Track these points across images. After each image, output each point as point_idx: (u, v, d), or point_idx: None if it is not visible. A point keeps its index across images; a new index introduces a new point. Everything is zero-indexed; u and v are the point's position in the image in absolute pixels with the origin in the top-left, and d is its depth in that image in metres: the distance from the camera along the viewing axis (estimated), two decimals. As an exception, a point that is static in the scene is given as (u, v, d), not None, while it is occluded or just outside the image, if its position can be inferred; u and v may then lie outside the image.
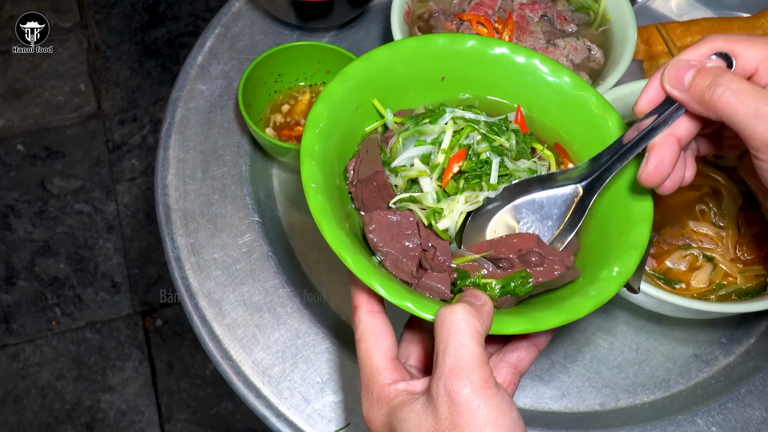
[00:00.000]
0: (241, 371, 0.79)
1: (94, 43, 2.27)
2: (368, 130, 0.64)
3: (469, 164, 0.58)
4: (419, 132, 0.60)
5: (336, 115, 0.59)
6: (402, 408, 0.48)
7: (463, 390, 0.45)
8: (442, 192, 0.59)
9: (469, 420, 0.45)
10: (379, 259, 0.56)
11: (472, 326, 0.47)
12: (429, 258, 0.56)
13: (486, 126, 0.60)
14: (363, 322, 0.53)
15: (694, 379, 0.82)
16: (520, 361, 0.56)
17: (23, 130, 2.10)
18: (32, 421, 1.72)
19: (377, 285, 0.51)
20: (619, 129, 0.62)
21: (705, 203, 0.81)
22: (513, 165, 0.59)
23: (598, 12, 0.95)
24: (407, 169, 0.59)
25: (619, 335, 0.84)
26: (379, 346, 0.52)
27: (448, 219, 0.57)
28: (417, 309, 0.51)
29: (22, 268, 1.90)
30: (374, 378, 0.51)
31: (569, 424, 0.78)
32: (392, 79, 0.63)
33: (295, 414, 0.77)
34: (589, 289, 0.55)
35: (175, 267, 0.85)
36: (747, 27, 1.01)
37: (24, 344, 1.81)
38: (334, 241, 0.52)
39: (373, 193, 0.59)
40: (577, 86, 0.64)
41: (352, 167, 0.61)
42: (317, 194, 0.54)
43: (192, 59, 1.00)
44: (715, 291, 0.77)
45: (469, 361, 0.46)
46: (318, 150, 0.56)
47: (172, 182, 0.91)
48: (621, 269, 0.55)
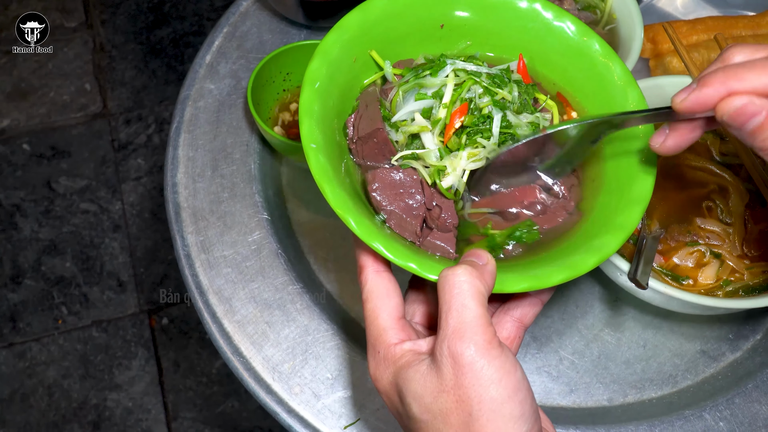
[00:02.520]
0: (252, 367, 0.80)
1: (100, 42, 2.28)
2: (367, 83, 0.62)
3: (471, 119, 0.57)
4: (420, 85, 0.59)
5: (333, 71, 0.58)
6: (408, 368, 0.49)
7: (466, 351, 0.45)
8: (444, 148, 0.57)
9: (473, 380, 0.45)
10: (383, 218, 0.55)
11: (474, 287, 0.47)
12: (434, 217, 0.55)
13: (488, 78, 0.59)
14: (369, 281, 0.53)
15: (702, 375, 0.83)
16: (525, 315, 0.56)
17: (29, 129, 2.11)
18: (39, 419, 1.73)
19: (381, 246, 0.50)
20: (623, 77, 0.60)
21: (712, 200, 0.82)
22: (515, 119, 0.58)
23: (605, 11, 0.95)
24: (408, 124, 0.58)
25: (627, 331, 0.85)
26: (386, 305, 0.52)
27: (452, 176, 0.56)
28: (421, 270, 0.50)
29: (28, 267, 1.91)
30: (381, 338, 0.51)
31: (577, 419, 0.79)
32: (390, 29, 0.61)
33: (305, 409, 0.78)
34: (592, 245, 0.54)
35: (185, 264, 0.86)
36: (752, 25, 1.02)
37: (30, 343, 1.81)
38: (337, 202, 0.51)
39: (374, 149, 0.58)
40: (581, 32, 0.62)
41: (352, 123, 0.59)
42: (318, 154, 0.53)
43: (200, 58, 1.00)
44: (722, 287, 0.77)
45: (472, 322, 0.46)
46: (317, 108, 0.55)
47: (182, 180, 0.91)
48: (624, 224, 0.54)
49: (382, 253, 0.50)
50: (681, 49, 0.88)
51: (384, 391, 0.51)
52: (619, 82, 0.60)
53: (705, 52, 0.97)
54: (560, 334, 0.84)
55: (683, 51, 0.87)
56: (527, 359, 0.83)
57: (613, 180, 0.58)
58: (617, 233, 0.54)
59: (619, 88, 0.59)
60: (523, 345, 0.84)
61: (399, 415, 0.51)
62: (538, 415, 0.47)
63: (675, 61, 0.98)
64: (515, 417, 0.45)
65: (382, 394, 0.52)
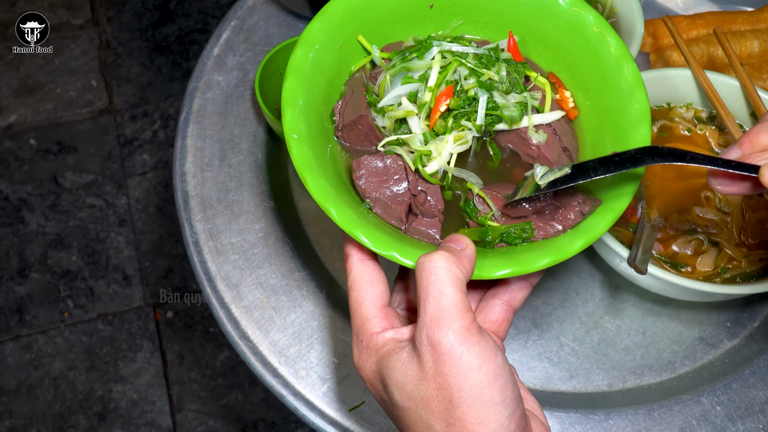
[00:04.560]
0: (259, 352, 0.82)
1: (106, 39, 2.30)
2: (354, 68, 0.61)
3: (456, 101, 0.56)
4: (406, 68, 0.58)
5: (319, 59, 0.57)
6: (389, 357, 0.49)
7: (445, 339, 0.45)
8: (430, 132, 0.56)
9: (452, 368, 0.45)
10: (369, 206, 0.55)
11: (451, 273, 0.46)
12: (419, 203, 0.54)
13: (475, 58, 0.57)
14: (354, 270, 0.53)
15: (700, 361, 0.84)
16: (513, 298, 0.55)
17: (36, 125, 2.13)
18: (45, 410, 1.75)
19: (362, 236, 0.50)
20: (618, 49, 0.58)
21: (710, 190, 0.83)
22: (503, 100, 0.56)
23: (606, 5, 0.97)
24: (394, 109, 0.57)
25: (626, 318, 0.86)
26: (369, 294, 0.52)
27: (437, 161, 0.55)
28: (402, 257, 0.50)
29: (34, 260, 1.93)
30: (364, 327, 0.51)
31: (578, 403, 0.80)
32: (377, 12, 0.60)
33: (311, 393, 0.80)
34: (579, 227, 0.53)
35: (194, 251, 0.88)
36: (752, 21, 1.03)
37: (37, 335, 1.83)
38: (318, 192, 0.51)
39: (360, 136, 0.57)
40: (574, 4, 0.60)
41: (338, 110, 0.59)
42: (300, 144, 0.52)
43: (208, 51, 1.02)
44: (720, 274, 0.79)
45: (450, 309, 0.45)
46: (301, 98, 0.54)
47: (190, 170, 0.93)
48: (613, 206, 0.53)
49: (363, 243, 0.50)
50: (681, 43, 0.90)
51: (368, 379, 0.52)
52: (614, 54, 0.58)
53: (705, 47, 0.99)
54: (561, 321, 0.86)
55: (683, 45, 0.89)
56: (528, 345, 0.85)
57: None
58: (605, 215, 0.53)
59: (614, 61, 0.58)
60: (524, 331, 0.85)
61: (383, 402, 0.52)
62: (520, 400, 0.47)
63: (675, 55, 0.99)
64: (496, 403, 0.45)
65: (366, 382, 0.52)
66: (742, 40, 0.99)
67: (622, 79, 0.58)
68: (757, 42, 0.99)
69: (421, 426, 0.47)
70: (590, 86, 0.61)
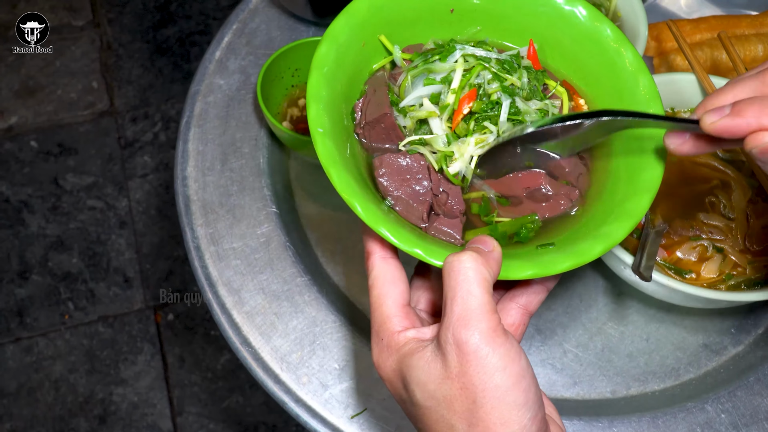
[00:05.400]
0: (260, 357, 0.81)
1: (107, 41, 2.30)
2: (375, 67, 0.61)
3: (479, 105, 0.56)
4: (428, 70, 0.58)
5: (342, 55, 0.57)
6: (412, 356, 0.49)
7: (471, 339, 0.45)
8: (452, 134, 0.57)
9: (477, 368, 0.45)
10: (390, 204, 0.55)
11: (479, 274, 0.47)
12: (441, 203, 0.55)
13: (497, 63, 0.58)
14: (375, 268, 0.53)
15: (704, 368, 0.84)
16: (530, 302, 0.56)
17: (36, 126, 2.13)
18: (46, 413, 1.75)
19: (386, 231, 0.50)
20: (634, 64, 0.59)
21: (715, 195, 0.83)
22: (524, 106, 0.57)
23: (610, 9, 0.96)
24: (416, 110, 0.57)
25: (630, 325, 0.86)
26: (391, 292, 0.52)
27: (459, 162, 0.56)
28: (426, 255, 0.50)
29: (35, 262, 1.92)
30: (384, 325, 0.51)
31: (581, 411, 0.80)
32: (399, 14, 0.61)
33: (312, 399, 0.79)
34: (599, 232, 0.53)
35: (195, 256, 0.87)
36: (756, 24, 1.03)
37: (37, 338, 1.83)
38: (343, 187, 0.51)
39: (382, 135, 0.58)
40: (593, 17, 0.61)
41: (360, 108, 0.59)
42: (325, 139, 0.52)
43: (210, 54, 1.02)
44: (724, 281, 0.78)
45: (477, 310, 0.46)
46: (325, 93, 0.55)
47: (192, 174, 0.93)
48: (632, 211, 0.54)
49: (387, 239, 0.50)
50: (685, 47, 0.89)
51: (387, 377, 0.52)
52: (631, 68, 0.59)
53: (709, 51, 0.98)
54: (564, 327, 0.86)
55: (687, 49, 0.88)
56: (532, 351, 0.84)
57: (622, 169, 0.58)
58: (625, 221, 0.54)
59: (631, 74, 0.59)
60: (528, 337, 0.85)
61: (403, 402, 0.52)
62: (541, 403, 0.48)
63: (679, 59, 0.99)
64: (519, 404, 0.45)
65: (384, 380, 0.52)
66: (746, 44, 0.98)
67: (638, 92, 0.59)
68: (761, 46, 0.98)
69: (443, 425, 0.47)
70: (605, 97, 0.62)
